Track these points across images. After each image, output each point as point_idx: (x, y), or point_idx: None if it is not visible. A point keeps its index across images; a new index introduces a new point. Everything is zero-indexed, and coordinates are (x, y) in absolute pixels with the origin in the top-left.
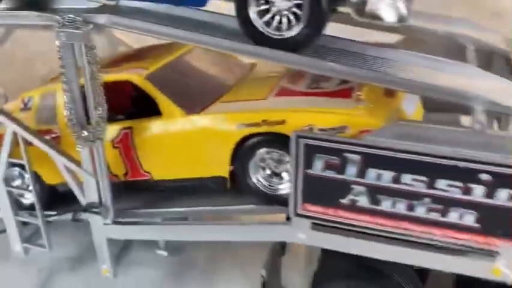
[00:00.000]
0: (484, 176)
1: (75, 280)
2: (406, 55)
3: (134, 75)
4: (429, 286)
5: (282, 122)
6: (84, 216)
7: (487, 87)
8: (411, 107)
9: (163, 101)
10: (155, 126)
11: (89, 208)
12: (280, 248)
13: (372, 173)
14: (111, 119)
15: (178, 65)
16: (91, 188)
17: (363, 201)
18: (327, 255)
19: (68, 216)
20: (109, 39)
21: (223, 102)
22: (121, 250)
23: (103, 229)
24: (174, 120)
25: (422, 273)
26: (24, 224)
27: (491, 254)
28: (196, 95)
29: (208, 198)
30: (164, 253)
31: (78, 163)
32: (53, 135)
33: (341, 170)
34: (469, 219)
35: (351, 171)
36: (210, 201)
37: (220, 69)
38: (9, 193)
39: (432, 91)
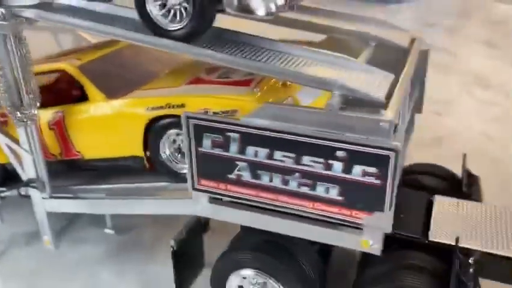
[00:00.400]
0: (340, 153)
1: (27, 254)
2: (297, 49)
3: (68, 65)
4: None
5: (182, 106)
6: (27, 192)
7: (355, 77)
8: (309, 98)
9: (89, 87)
10: (83, 110)
11: (28, 183)
12: (203, 225)
13: (250, 150)
14: (48, 104)
15: (110, 58)
16: (29, 165)
17: (247, 176)
18: (244, 229)
19: (15, 192)
20: (74, 37)
21: (142, 90)
22: (67, 226)
23: (41, 203)
24: (97, 104)
25: (325, 253)
26: None
27: (358, 227)
28: (119, 84)
29: (131, 177)
30: (112, 231)
31: (18, 142)
32: (5, 118)
33: (225, 147)
34: (333, 192)
35: (233, 149)
36: (131, 179)
37: (150, 62)
38: None
39: (298, 78)
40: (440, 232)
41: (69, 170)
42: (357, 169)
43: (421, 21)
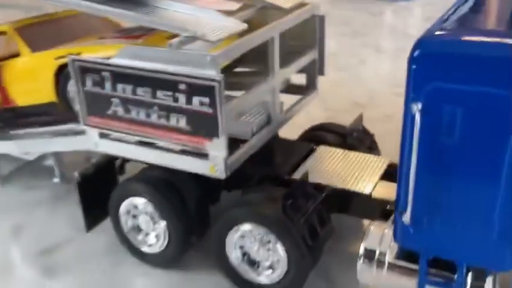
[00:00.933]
0: (182, 86)
1: None
2: (173, 5)
3: (7, 26)
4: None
5: (79, 54)
6: None
7: (203, 24)
8: None
9: (20, 44)
10: (14, 64)
11: None
12: (118, 167)
13: (119, 87)
14: None
15: (45, 24)
16: None
17: (120, 111)
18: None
19: None
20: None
21: (60, 47)
22: (20, 175)
23: None
24: (24, 58)
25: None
26: None
27: (205, 154)
28: (46, 43)
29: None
30: (58, 180)
31: None
32: None
33: (102, 85)
34: (182, 122)
35: (107, 86)
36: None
37: (80, 31)
38: None
39: (156, 24)
40: (301, 172)
41: (10, 118)
42: (196, 100)
43: (424, 17)
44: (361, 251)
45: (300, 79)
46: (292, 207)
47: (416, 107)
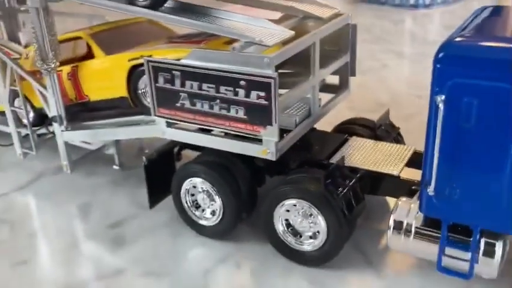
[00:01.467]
0: (242, 82)
1: (52, 179)
2: (230, 15)
3: (83, 33)
4: None
5: (150, 56)
6: (51, 127)
7: (258, 31)
8: None
9: (94, 48)
10: (90, 65)
11: (53, 120)
12: (176, 154)
13: (188, 84)
14: (68, 61)
15: (115, 30)
16: (52, 105)
17: (187, 104)
18: (204, 151)
19: (45, 129)
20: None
21: (131, 50)
22: (83, 162)
23: (60, 134)
24: (99, 59)
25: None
26: (24, 137)
27: (259, 139)
28: (118, 47)
29: (122, 113)
30: (117, 167)
31: (45, 87)
32: (40, 75)
33: (172, 82)
34: (241, 113)
35: (177, 83)
36: (121, 114)
37: (145, 36)
38: (13, 112)
39: (219, 31)
40: (337, 157)
41: (82, 111)
42: (253, 94)
43: (442, 24)
44: (391, 221)
45: (334, 80)
46: (332, 185)
47: (440, 99)
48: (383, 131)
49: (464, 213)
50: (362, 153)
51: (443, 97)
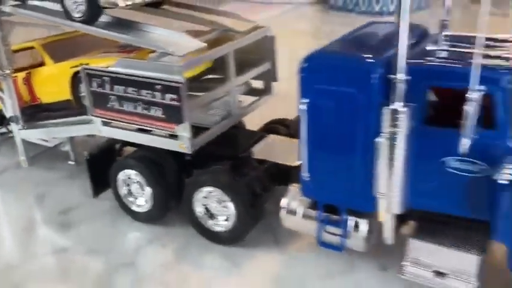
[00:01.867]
0: (158, 87)
1: (16, 174)
2: (159, 30)
3: (35, 43)
4: None
5: (88, 64)
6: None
7: (174, 43)
8: None
9: (45, 57)
10: (41, 71)
11: (10, 120)
12: (117, 150)
13: (115, 88)
14: (24, 69)
15: (64, 41)
16: (8, 107)
17: (116, 105)
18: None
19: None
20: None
21: (74, 58)
22: (41, 158)
23: (18, 133)
24: (48, 66)
25: (186, 169)
26: None
27: (175, 135)
28: (64, 55)
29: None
30: (73, 163)
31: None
32: None
33: (103, 87)
34: (159, 113)
35: (107, 88)
36: (68, 115)
37: (89, 46)
38: None
39: (141, 43)
40: (251, 151)
41: (36, 112)
42: (167, 96)
43: None
44: (281, 203)
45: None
46: (240, 175)
47: (305, 102)
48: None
49: (332, 195)
50: (275, 149)
51: (307, 100)
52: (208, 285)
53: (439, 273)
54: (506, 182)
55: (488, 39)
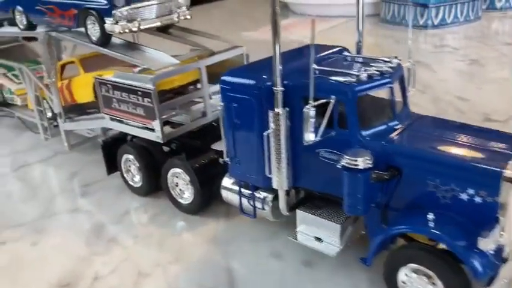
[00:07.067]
0: (139, 93)
1: (62, 156)
2: (150, 51)
3: (74, 58)
4: None
5: (100, 75)
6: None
7: (151, 60)
8: None
9: (79, 68)
10: (76, 79)
11: (57, 115)
12: (128, 140)
13: (116, 93)
14: (66, 78)
15: (95, 57)
16: (55, 106)
17: (117, 105)
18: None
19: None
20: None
21: (96, 71)
22: (80, 149)
23: (61, 125)
24: (81, 76)
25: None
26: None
27: (153, 129)
28: (92, 68)
29: (95, 111)
30: None
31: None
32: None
33: (108, 92)
34: (141, 112)
35: (110, 93)
36: (94, 112)
37: (109, 63)
38: (40, 111)
39: (131, 61)
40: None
41: (75, 110)
42: (145, 100)
43: (433, 44)
44: (222, 183)
45: None
46: (194, 160)
47: (222, 104)
48: None
49: (244, 175)
50: None
51: (223, 103)
52: (164, 239)
53: (318, 238)
54: (342, 166)
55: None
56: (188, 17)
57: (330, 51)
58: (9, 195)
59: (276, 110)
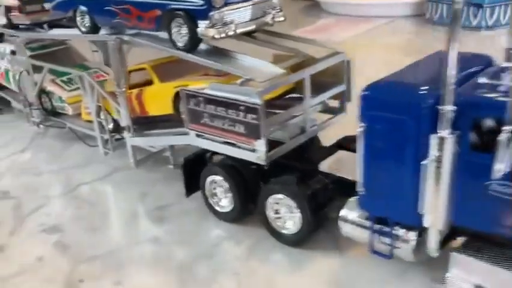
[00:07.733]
0: (241, 107)
1: (125, 173)
2: (246, 58)
3: (146, 65)
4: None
5: (187, 85)
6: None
7: (256, 69)
8: None
9: (153, 77)
10: (150, 89)
11: (124, 128)
12: (207, 158)
13: (208, 107)
14: (136, 86)
15: (170, 63)
16: (123, 118)
17: (208, 121)
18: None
19: (119, 135)
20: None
21: (176, 80)
22: (146, 162)
23: (129, 139)
24: (156, 85)
25: (262, 175)
26: (106, 141)
27: (254, 149)
28: (168, 76)
29: (171, 125)
30: (171, 167)
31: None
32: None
33: (198, 105)
34: (241, 129)
35: (201, 106)
36: (170, 126)
37: (186, 69)
38: (100, 123)
39: (228, 70)
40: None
41: (143, 122)
42: (248, 116)
43: (484, 46)
44: (340, 213)
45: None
46: (305, 185)
47: (363, 125)
48: None
49: (383, 209)
50: (343, 164)
51: (364, 124)
52: (272, 279)
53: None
54: None
55: None
56: (281, 18)
57: (479, 60)
58: (73, 220)
59: (441, 133)
